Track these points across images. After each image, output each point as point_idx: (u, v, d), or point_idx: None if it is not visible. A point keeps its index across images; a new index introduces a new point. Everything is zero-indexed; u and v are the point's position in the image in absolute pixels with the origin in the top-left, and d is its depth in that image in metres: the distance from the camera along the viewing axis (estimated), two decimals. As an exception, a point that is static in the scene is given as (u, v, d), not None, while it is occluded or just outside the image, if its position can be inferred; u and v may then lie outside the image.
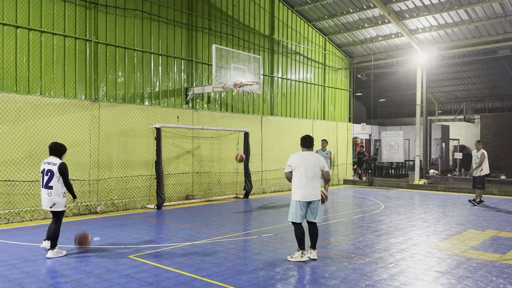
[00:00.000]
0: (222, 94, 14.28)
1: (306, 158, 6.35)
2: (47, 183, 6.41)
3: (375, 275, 5.62)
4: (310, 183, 6.25)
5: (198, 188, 13.33)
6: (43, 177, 6.46)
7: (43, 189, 6.45)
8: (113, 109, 11.24)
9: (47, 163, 6.49)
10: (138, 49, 11.96)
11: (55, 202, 6.44)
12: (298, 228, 6.34)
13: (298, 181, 6.29)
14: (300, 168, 6.28)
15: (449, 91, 30.21)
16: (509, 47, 16.58)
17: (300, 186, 6.26)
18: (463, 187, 16.41)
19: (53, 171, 6.42)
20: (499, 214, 10.87)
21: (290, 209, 6.42)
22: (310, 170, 6.27)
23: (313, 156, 6.41)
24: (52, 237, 6.39)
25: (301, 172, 6.27)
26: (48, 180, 6.41)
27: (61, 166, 6.48)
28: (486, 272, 5.78)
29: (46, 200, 6.44)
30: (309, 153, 6.45)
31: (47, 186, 6.42)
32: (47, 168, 6.45)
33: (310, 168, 6.27)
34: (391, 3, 15.80)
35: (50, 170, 6.43)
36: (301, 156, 6.40)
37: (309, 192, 6.25)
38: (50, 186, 6.41)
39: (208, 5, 13.92)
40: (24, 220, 9.44)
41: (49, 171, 6.43)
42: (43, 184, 6.46)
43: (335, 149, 19.21)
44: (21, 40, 9.71)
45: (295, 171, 6.34)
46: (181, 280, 5.35)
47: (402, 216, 10.54)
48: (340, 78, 19.98)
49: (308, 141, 6.51)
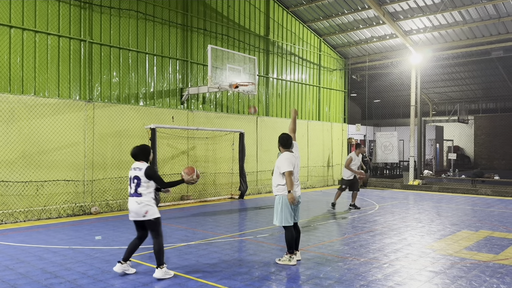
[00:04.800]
0: (217, 94, 14.28)
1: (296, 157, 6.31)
2: (135, 191, 5.68)
3: (370, 275, 5.64)
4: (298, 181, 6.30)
5: (193, 189, 13.31)
6: (130, 185, 5.76)
7: (131, 198, 5.69)
8: (108, 109, 11.21)
9: (133, 169, 5.76)
10: (133, 49, 11.93)
11: (148, 209, 5.62)
12: (290, 232, 6.20)
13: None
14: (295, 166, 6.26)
15: (443, 92, 30.37)
16: (502, 48, 16.70)
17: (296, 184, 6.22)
18: (457, 187, 16.51)
19: (139, 177, 5.68)
20: (493, 214, 10.94)
21: (280, 213, 6.15)
22: (299, 168, 6.36)
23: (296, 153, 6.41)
24: (158, 254, 5.53)
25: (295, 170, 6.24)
26: (136, 187, 5.68)
27: (148, 169, 5.71)
28: (479, 272, 5.82)
29: (135, 209, 5.62)
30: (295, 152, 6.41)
31: (135, 194, 5.67)
32: (134, 175, 5.72)
33: (298, 166, 6.36)
34: (385, 4, 15.86)
35: (137, 176, 5.70)
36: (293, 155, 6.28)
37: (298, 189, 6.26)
38: (139, 193, 5.65)
39: (203, 6, 13.92)
40: (18, 221, 9.38)
41: (135, 178, 5.70)
42: (130, 193, 5.73)
43: (330, 149, 19.25)
44: (15, 40, 9.65)
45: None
46: (176, 281, 5.34)
47: (397, 216, 10.58)
48: (335, 79, 20.04)
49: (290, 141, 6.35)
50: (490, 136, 30.18)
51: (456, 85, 29.07)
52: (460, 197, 14.73)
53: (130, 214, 5.68)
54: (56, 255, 6.56)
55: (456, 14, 15.58)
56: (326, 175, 19.09)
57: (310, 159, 18.07)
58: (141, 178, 5.67)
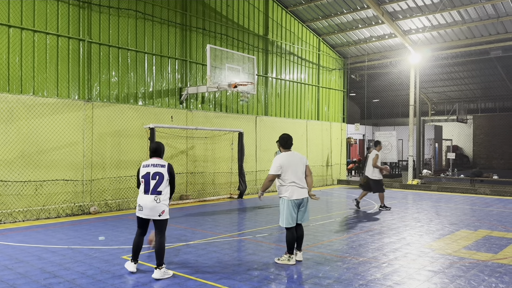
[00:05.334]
0: (216, 94, 14.27)
1: (294, 158, 6.24)
2: (155, 188, 5.51)
3: (369, 275, 5.64)
4: (301, 181, 6.16)
5: (192, 189, 13.31)
6: (148, 181, 5.54)
7: (149, 195, 5.51)
8: (107, 109, 11.20)
9: (152, 166, 5.58)
10: (132, 49, 11.92)
11: (164, 209, 5.56)
12: (291, 233, 6.14)
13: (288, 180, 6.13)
14: (290, 167, 6.14)
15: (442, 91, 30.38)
16: (501, 48, 16.71)
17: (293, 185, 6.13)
18: (456, 187, 16.52)
19: (162, 174, 5.55)
20: (492, 214, 10.95)
21: (281, 214, 6.18)
22: (299, 169, 6.18)
23: (297, 155, 6.32)
24: (159, 253, 5.47)
25: (291, 171, 6.13)
26: (156, 184, 5.52)
27: (171, 167, 5.66)
28: (478, 271, 5.82)
29: (153, 207, 5.50)
30: (293, 152, 6.34)
31: (155, 191, 5.51)
32: (154, 171, 5.54)
33: (298, 167, 6.19)
34: (384, 4, 15.87)
35: (159, 173, 5.53)
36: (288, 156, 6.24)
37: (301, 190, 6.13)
38: (159, 191, 5.51)
39: (202, 5, 13.91)
40: (16, 221, 9.38)
41: (156, 174, 5.53)
42: (148, 190, 5.53)
43: (329, 149, 19.26)
44: (13, 39, 9.64)
45: (284, 172, 6.15)
46: (175, 280, 5.34)
47: (396, 215, 10.59)
48: (334, 79, 20.04)
49: (290, 141, 6.36)
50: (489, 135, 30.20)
51: (455, 84, 29.09)
52: (459, 197, 14.75)
53: (143, 211, 5.54)
54: (55, 254, 6.56)
55: (455, 13, 15.60)
56: (325, 175, 19.10)
57: (309, 158, 18.06)
58: (164, 176, 5.55)
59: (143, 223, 5.69)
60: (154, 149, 5.78)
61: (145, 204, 5.52)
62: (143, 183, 5.58)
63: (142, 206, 5.54)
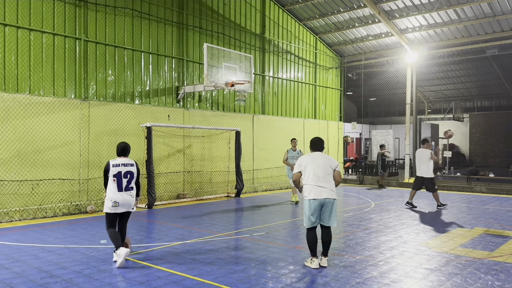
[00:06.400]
0: (214, 93, 14.26)
1: (316, 158, 6.12)
2: (127, 185, 6.09)
3: (366, 273, 5.66)
4: (322, 182, 5.96)
5: (189, 187, 13.30)
6: (121, 179, 6.05)
7: (124, 192, 6.06)
8: (103, 108, 11.17)
9: (123, 165, 6.11)
10: (129, 48, 11.90)
11: (135, 202, 6.30)
12: (310, 234, 5.95)
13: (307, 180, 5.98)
14: (309, 167, 6.02)
15: (439, 90, 30.46)
16: (497, 46, 16.76)
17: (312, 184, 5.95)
18: (453, 185, 16.58)
19: (133, 172, 6.17)
20: (488, 212, 11.00)
21: (305, 214, 6.02)
22: (321, 169, 6.00)
23: (323, 156, 6.19)
24: (122, 237, 6.21)
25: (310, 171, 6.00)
26: (128, 181, 6.11)
27: (138, 165, 6.33)
28: (474, 269, 5.85)
29: (129, 201, 6.13)
30: (318, 153, 6.22)
31: (128, 188, 6.10)
32: (125, 170, 6.10)
33: (320, 167, 6.01)
34: (381, 2, 15.89)
35: (130, 171, 6.14)
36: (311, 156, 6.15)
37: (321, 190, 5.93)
38: (131, 187, 6.15)
39: (199, 4, 13.88)
40: (13, 220, 9.35)
41: (128, 173, 6.11)
42: (121, 187, 6.05)
43: (326, 148, 19.28)
44: (9, 38, 9.60)
45: (304, 171, 6.05)
46: (172, 279, 5.34)
47: (392, 214, 10.62)
48: (331, 77, 20.06)
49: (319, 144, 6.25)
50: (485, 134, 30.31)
51: (451, 83, 29.17)
52: (455, 195, 14.80)
53: (119, 207, 6.07)
54: (51, 254, 6.55)
55: (451, 12, 15.63)
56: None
57: (306, 157, 18.06)
58: (134, 173, 6.22)
59: (115, 219, 6.21)
60: (123, 148, 6.32)
61: (122, 200, 6.08)
62: (115, 181, 6.07)
63: (118, 202, 6.07)
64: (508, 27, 15.86)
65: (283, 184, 16.81)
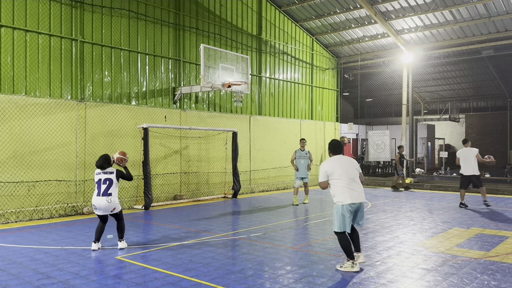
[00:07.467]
0: (210, 94, 14.26)
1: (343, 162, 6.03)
2: (105, 191, 6.72)
3: (362, 273, 5.67)
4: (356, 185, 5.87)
5: (186, 188, 13.29)
6: (100, 186, 6.75)
7: (101, 197, 6.72)
8: (100, 109, 11.15)
9: (103, 173, 6.82)
10: (125, 49, 11.88)
11: (115, 206, 6.83)
12: (343, 237, 5.79)
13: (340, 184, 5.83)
14: (338, 170, 5.88)
15: (435, 91, 30.58)
16: (492, 47, 16.85)
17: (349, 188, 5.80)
18: (449, 185, 16.63)
19: (112, 179, 6.80)
20: (484, 212, 11.05)
21: (334, 218, 5.86)
22: (351, 172, 5.91)
23: (348, 159, 6.12)
24: (121, 231, 6.99)
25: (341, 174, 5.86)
26: (106, 188, 6.74)
27: (117, 172, 6.92)
28: (471, 269, 5.87)
29: (105, 206, 6.75)
30: (341, 156, 6.14)
31: (106, 193, 6.73)
32: (105, 178, 6.79)
33: (350, 171, 5.92)
34: (377, 3, 15.94)
35: (109, 179, 6.79)
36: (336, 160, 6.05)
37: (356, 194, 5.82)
38: (109, 193, 6.75)
39: (196, 5, 13.88)
40: (9, 222, 9.31)
41: (107, 180, 6.77)
42: (99, 192, 6.73)
43: (323, 148, 19.31)
44: (5, 39, 9.57)
45: (333, 175, 5.88)
46: (169, 280, 5.34)
47: (389, 214, 10.65)
48: (328, 78, 20.10)
49: (340, 147, 6.17)
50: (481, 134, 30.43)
51: (447, 83, 29.28)
52: (451, 195, 14.85)
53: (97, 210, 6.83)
54: (48, 255, 6.53)
55: (447, 13, 15.70)
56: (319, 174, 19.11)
57: (303, 158, 18.08)
58: (113, 180, 6.83)
59: (101, 217, 6.95)
60: (104, 160, 6.90)
61: (99, 204, 6.75)
62: (96, 186, 6.82)
63: (95, 205, 6.78)
64: (504, 28, 15.94)
65: (280, 184, 16.82)
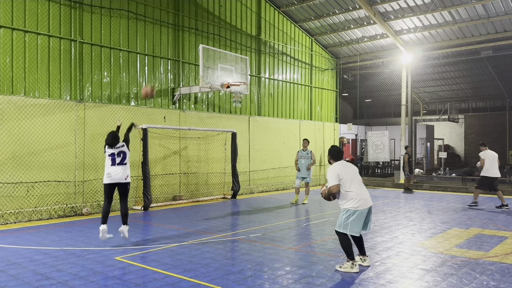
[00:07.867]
0: (209, 94, 14.26)
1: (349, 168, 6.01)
2: (122, 161, 7.32)
3: (362, 274, 5.67)
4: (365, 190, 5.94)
5: (185, 189, 13.28)
6: (114, 157, 7.28)
7: (117, 166, 7.26)
8: (99, 109, 11.14)
9: (115, 148, 7.36)
10: (124, 49, 11.88)
11: (128, 174, 7.40)
12: (345, 237, 5.83)
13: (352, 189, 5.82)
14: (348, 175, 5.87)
15: (434, 91, 30.59)
16: (491, 48, 16.86)
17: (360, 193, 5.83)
18: (448, 186, 16.65)
19: (125, 152, 7.42)
20: (483, 212, 11.06)
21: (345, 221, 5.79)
22: (359, 178, 5.96)
23: (350, 165, 6.12)
24: (125, 216, 7.32)
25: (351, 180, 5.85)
26: (122, 159, 7.32)
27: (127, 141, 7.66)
28: (470, 269, 5.88)
29: (121, 173, 7.27)
30: (344, 162, 6.12)
31: (122, 163, 7.31)
32: (118, 151, 7.36)
33: (356, 176, 5.95)
34: (376, 4, 15.95)
35: (122, 151, 7.39)
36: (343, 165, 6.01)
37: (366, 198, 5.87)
38: (125, 163, 7.36)
39: (195, 5, 13.89)
40: (8, 223, 9.30)
41: (121, 153, 7.36)
42: (115, 163, 7.26)
43: (322, 149, 19.32)
44: (4, 40, 9.56)
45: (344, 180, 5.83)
46: (168, 281, 5.34)
47: (388, 215, 10.65)
48: (327, 79, 20.11)
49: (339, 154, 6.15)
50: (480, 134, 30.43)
51: (446, 84, 29.30)
52: (450, 196, 14.86)
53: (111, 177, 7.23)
54: (47, 256, 6.52)
55: (446, 14, 15.72)
56: (318, 175, 19.15)
57: (302, 158, 18.08)
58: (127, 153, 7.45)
59: (110, 190, 7.29)
60: (113, 137, 7.38)
61: (114, 171, 7.20)
62: (109, 159, 7.26)
63: (110, 173, 7.20)
64: (502, 28, 15.97)
65: (279, 185, 16.82)
